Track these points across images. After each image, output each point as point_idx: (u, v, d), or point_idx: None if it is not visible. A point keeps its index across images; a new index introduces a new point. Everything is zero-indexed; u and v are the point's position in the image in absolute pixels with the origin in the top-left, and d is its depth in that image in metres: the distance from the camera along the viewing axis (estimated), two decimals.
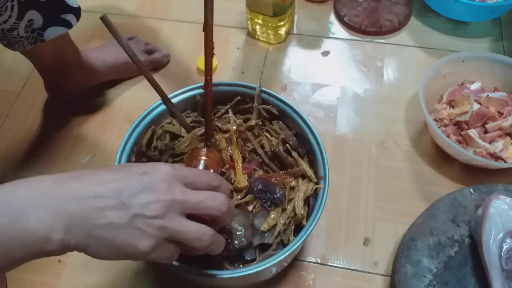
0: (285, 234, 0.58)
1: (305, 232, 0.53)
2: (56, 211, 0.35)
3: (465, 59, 0.79)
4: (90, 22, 0.96)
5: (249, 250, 0.57)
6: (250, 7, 0.88)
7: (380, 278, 0.66)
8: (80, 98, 0.85)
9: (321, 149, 0.59)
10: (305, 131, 0.61)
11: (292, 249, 0.52)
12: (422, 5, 0.98)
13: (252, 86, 0.64)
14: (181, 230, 0.39)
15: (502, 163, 0.70)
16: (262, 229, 0.57)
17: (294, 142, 0.62)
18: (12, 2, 0.57)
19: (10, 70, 0.92)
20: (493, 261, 0.57)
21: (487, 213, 0.60)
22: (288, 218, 0.58)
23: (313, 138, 0.60)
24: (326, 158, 0.58)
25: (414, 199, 0.72)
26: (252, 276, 0.52)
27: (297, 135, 0.63)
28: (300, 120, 0.62)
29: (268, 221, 0.57)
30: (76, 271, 0.68)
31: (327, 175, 0.57)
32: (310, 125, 0.61)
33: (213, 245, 0.42)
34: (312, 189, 0.59)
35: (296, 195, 0.58)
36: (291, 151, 0.61)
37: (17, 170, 0.78)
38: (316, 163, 0.59)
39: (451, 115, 0.75)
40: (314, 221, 0.53)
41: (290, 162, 0.61)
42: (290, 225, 0.58)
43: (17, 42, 0.64)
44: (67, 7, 0.66)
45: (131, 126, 0.60)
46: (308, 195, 0.59)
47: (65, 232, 0.35)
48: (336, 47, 0.93)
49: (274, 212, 0.58)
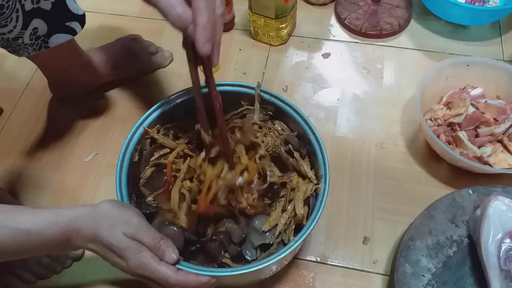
0: (286, 234, 0.58)
1: (305, 232, 0.53)
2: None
3: (469, 64, 0.79)
4: (93, 23, 0.97)
5: (250, 250, 0.58)
6: (253, 9, 0.89)
7: (379, 277, 0.66)
8: (83, 97, 0.86)
9: (322, 150, 0.59)
10: (307, 131, 0.61)
11: (292, 247, 0.52)
12: (422, 9, 0.99)
13: (252, 86, 0.64)
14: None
15: (486, 167, 0.70)
16: (263, 230, 0.57)
17: (296, 143, 0.62)
18: (17, 13, 0.57)
19: (14, 69, 0.93)
20: (492, 261, 0.58)
21: (486, 214, 0.60)
22: (289, 218, 0.58)
23: (314, 139, 0.60)
24: (327, 159, 0.59)
25: (413, 199, 0.73)
26: (253, 274, 0.53)
27: (299, 136, 0.64)
28: (302, 121, 0.62)
29: (269, 222, 0.58)
30: (79, 267, 0.68)
31: (327, 175, 0.58)
32: (311, 125, 0.61)
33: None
34: (312, 189, 0.59)
35: (296, 195, 0.59)
36: (293, 151, 0.62)
37: (21, 168, 0.79)
38: (317, 164, 0.60)
39: (445, 115, 0.76)
40: (314, 220, 0.54)
41: (291, 163, 0.62)
42: (291, 225, 0.59)
43: (22, 49, 0.64)
44: (72, 15, 0.67)
45: (134, 126, 0.61)
46: (308, 195, 0.59)
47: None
48: (336, 49, 0.94)
49: (275, 212, 0.59)
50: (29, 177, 0.78)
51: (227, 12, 0.92)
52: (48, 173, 0.78)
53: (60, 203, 0.75)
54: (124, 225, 0.49)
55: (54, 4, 0.62)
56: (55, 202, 0.75)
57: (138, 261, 0.48)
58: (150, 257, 0.49)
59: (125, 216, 0.50)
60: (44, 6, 0.61)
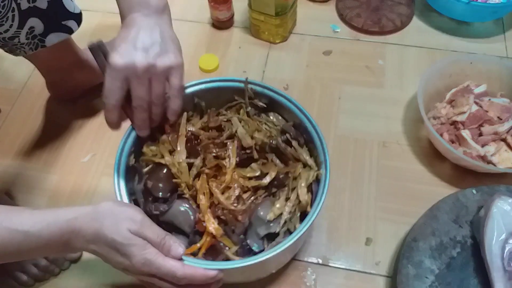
0: (291, 222, 0.58)
1: (311, 217, 0.53)
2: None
3: (472, 61, 0.78)
4: (91, 21, 0.96)
5: (256, 241, 0.57)
6: (252, 6, 0.88)
7: (381, 279, 0.65)
8: (81, 97, 0.85)
9: (319, 136, 0.59)
10: (303, 120, 0.61)
11: (300, 233, 0.52)
12: (424, 5, 0.98)
13: (242, 79, 0.64)
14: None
15: (489, 166, 0.69)
16: (268, 219, 0.57)
17: (294, 132, 0.62)
18: (13, 12, 0.57)
19: (12, 69, 0.92)
20: (496, 262, 0.57)
21: (490, 214, 0.59)
22: (293, 206, 0.58)
23: (311, 126, 0.60)
24: (325, 144, 0.58)
25: (416, 199, 0.72)
26: (262, 266, 0.52)
27: (295, 125, 0.63)
28: (297, 110, 0.62)
29: (273, 211, 0.57)
30: (77, 269, 0.68)
31: (327, 160, 0.57)
32: (306, 113, 0.61)
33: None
34: (314, 175, 0.59)
35: (299, 183, 0.58)
36: (291, 140, 0.61)
37: (18, 168, 0.78)
38: (316, 150, 0.59)
39: (448, 114, 0.75)
40: (318, 205, 0.53)
41: (290, 153, 0.61)
42: (296, 213, 0.58)
43: (19, 49, 0.64)
44: (68, 14, 0.66)
45: (128, 128, 0.60)
46: (311, 182, 0.59)
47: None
48: (338, 46, 0.93)
49: (279, 201, 0.58)
50: (26, 178, 0.77)
51: (226, 10, 0.91)
52: (45, 173, 0.77)
53: (58, 204, 0.74)
54: (129, 222, 0.48)
55: (50, 3, 0.62)
56: (53, 202, 0.74)
57: (143, 258, 0.47)
58: (155, 253, 0.48)
59: (128, 214, 0.49)
60: (40, 5, 0.60)
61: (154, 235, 0.49)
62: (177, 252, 0.49)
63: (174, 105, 0.57)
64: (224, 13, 0.92)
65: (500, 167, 0.70)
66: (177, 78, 0.56)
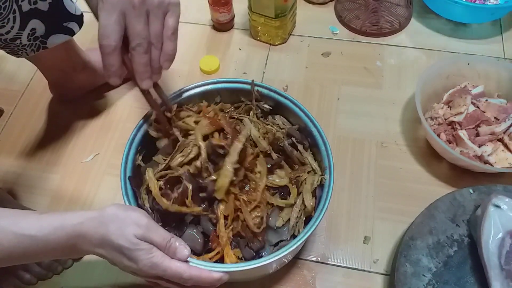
0: (296, 227, 0.59)
1: (315, 221, 0.54)
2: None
3: (470, 62, 0.79)
4: (93, 23, 0.97)
5: (266, 248, 0.58)
6: (252, 8, 0.89)
7: (379, 277, 0.66)
8: (83, 98, 0.86)
9: (324, 140, 0.60)
10: (308, 124, 0.62)
11: (305, 237, 0.53)
12: (422, 7, 0.99)
13: (248, 81, 0.65)
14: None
15: (486, 166, 0.70)
16: (277, 225, 0.57)
17: (299, 136, 0.63)
18: (14, 14, 0.57)
19: (14, 70, 0.93)
20: (493, 261, 0.58)
21: (487, 213, 0.60)
22: (299, 211, 0.59)
23: (316, 131, 0.61)
24: (330, 149, 0.59)
25: (413, 198, 0.73)
26: (266, 267, 0.52)
27: (299, 129, 0.64)
28: (302, 114, 0.62)
29: (282, 217, 0.58)
30: (80, 268, 0.69)
31: (332, 165, 0.58)
32: (312, 118, 0.61)
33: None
34: (318, 180, 0.59)
35: (304, 188, 0.59)
36: (297, 144, 0.62)
37: (21, 169, 0.79)
38: (320, 155, 0.60)
39: (446, 114, 0.76)
40: (322, 210, 0.54)
41: (296, 156, 0.62)
42: (301, 217, 0.59)
43: (20, 50, 0.64)
44: (70, 15, 0.66)
45: (135, 127, 0.61)
46: (315, 187, 0.60)
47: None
48: (336, 48, 0.94)
49: (285, 208, 0.59)
50: (29, 178, 0.78)
51: (227, 12, 0.92)
52: (48, 173, 0.78)
53: (60, 204, 0.75)
54: (134, 227, 0.48)
55: (52, 5, 0.62)
56: (55, 202, 0.75)
57: (150, 262, 0.48)
58: (162, 256, 0.48)
59: (133, 218, 0.49)
60: (42, 7, 0.61)
61: (160, 238, 0.49)
62: (183, 254, 0.50)
63: (169, 49, 0.54)
64: (224, 15, 0.93)
65: (497, 167, 0.71)
66: (174, 18, 0.53)
